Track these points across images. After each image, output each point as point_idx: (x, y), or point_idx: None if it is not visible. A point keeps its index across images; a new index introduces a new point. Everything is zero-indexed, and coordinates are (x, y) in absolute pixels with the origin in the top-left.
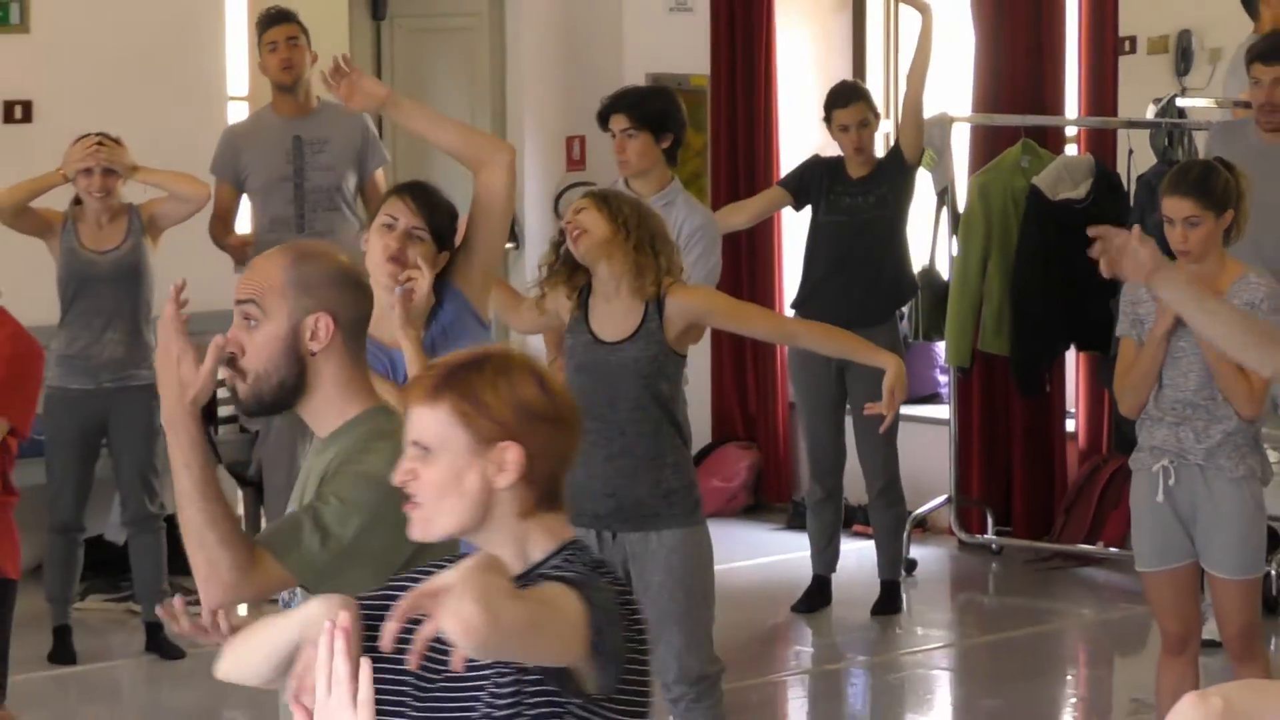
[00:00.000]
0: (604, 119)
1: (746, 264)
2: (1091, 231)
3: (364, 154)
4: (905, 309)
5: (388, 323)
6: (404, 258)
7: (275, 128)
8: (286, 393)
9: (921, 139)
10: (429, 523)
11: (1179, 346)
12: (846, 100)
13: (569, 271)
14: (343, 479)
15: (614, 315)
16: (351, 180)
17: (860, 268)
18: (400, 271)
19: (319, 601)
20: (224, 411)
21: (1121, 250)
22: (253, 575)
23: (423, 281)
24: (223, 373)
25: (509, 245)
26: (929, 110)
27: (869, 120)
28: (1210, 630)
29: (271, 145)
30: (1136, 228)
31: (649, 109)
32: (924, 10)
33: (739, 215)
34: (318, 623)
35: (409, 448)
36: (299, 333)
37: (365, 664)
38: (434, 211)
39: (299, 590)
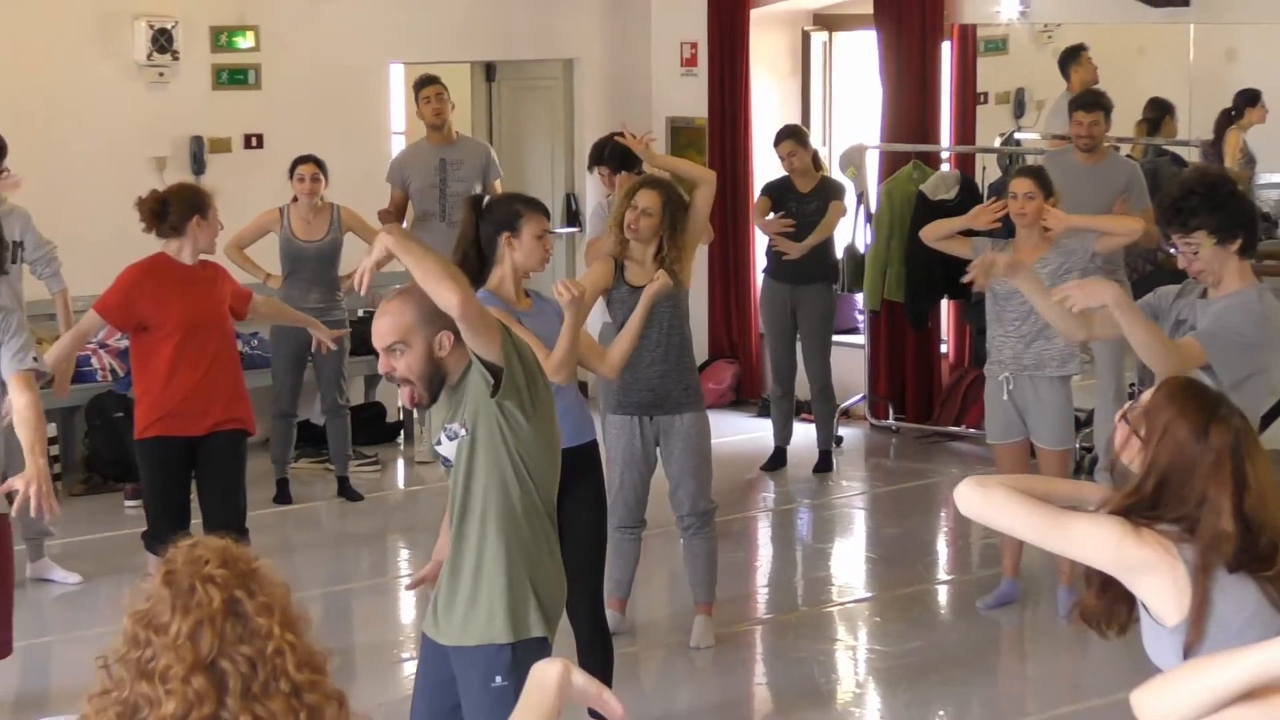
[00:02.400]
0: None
1: (733, 244)
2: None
3: (487, 170)
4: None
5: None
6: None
7: (428, 153)
8: (438, 382)
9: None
10: None
11: (1017, 295)
12: (779, 140)
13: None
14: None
15: (645, 273)
16: (478, 187)
17: (809, 256)
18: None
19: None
20: None
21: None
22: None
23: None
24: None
25: (574, 228)
26: (853, 141)
27: (796, 151)
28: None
29: (425, 164)
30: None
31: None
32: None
33: (759, 213)
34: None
35: None
36: (432, 347)
37: None
38: None
39: (456, 424)
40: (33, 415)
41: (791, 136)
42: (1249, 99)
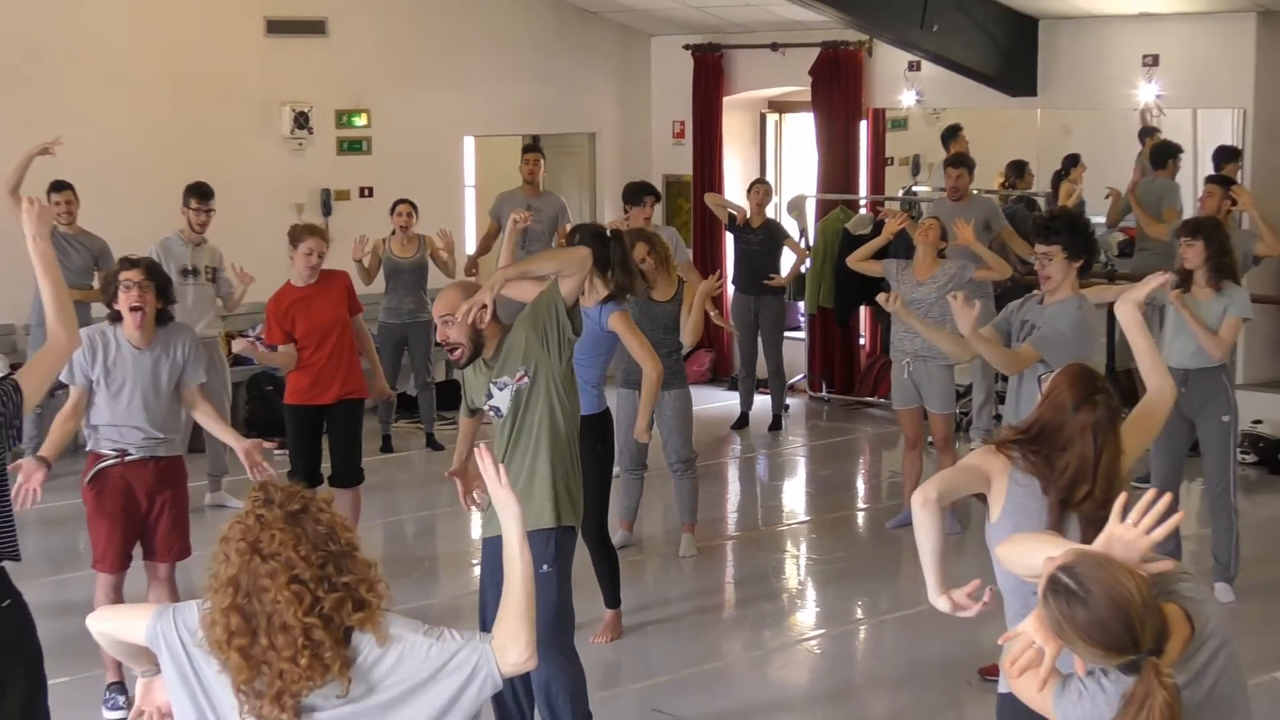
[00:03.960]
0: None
1: (709, 262)
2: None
3: (559, 216)
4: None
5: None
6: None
7: (519, 199)
8: (477, 346)
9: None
10: None
11: (913, 304)
12: (749, 189)
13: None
14: (517, 328)
15: (659, 291)
16: (551, 227)
17: (758, 269)
18: None
19: None
20: None
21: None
22: None
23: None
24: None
25: None
26: (796, 192)
27: (757, 191)
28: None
29: (516, 206)
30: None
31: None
32: None
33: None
34: None
35: None
36: (474, 321)
37: None
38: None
39: (506, 377)
40: (216, 414)
41: (760, 184)
42: (1073, 161)
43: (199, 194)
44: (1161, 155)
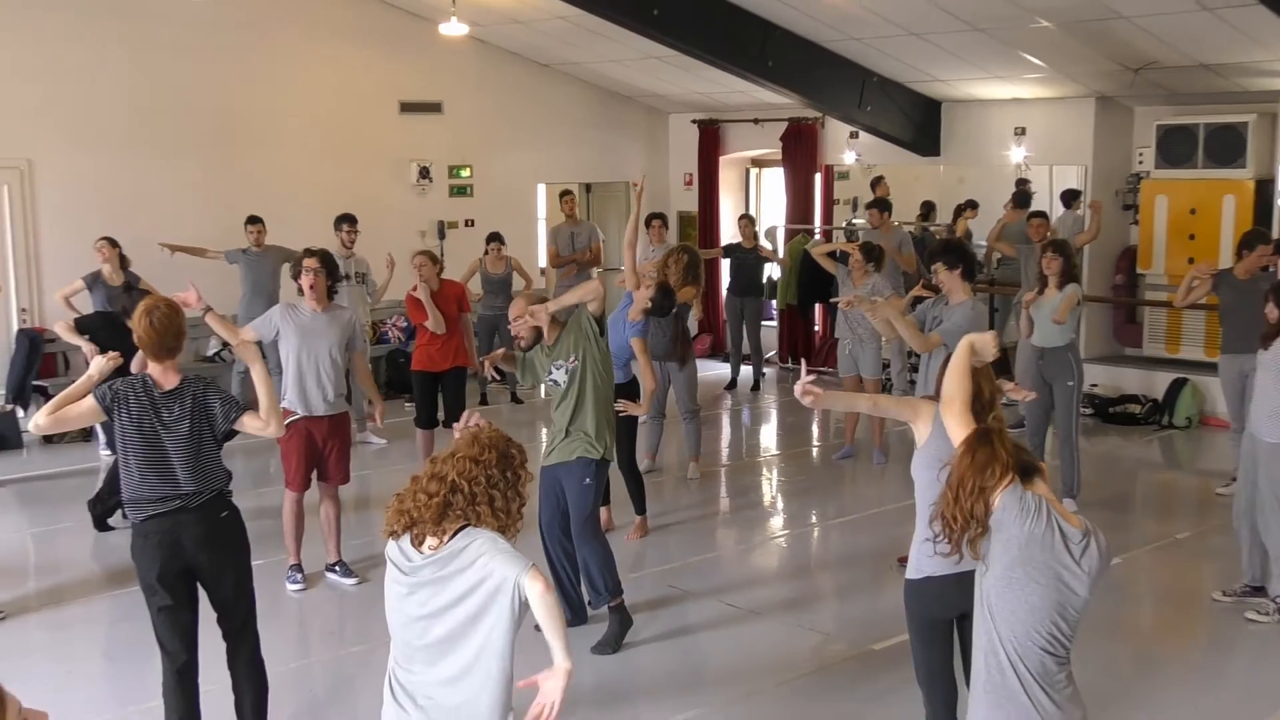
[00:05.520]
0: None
1: (710, 279)
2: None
3: (592, 236)
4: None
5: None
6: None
7: (565, 229)
8: (537, 337)
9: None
10: None
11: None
12: (739, 221)
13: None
14: (569, 329)
15: (680, 296)
16: (587, 243)
17: (749, 280)
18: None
19: None
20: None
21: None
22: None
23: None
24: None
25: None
26: (771, 223)
27: (748, 225)
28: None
29: (565, 234)
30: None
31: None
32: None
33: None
34: None
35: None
36: (541, 326)
37: None
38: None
39: (563, 360)
40: (368, 376)
41: (746, 218)
42: (969, 204)
43: (349, 220)
44: (1022, 200)
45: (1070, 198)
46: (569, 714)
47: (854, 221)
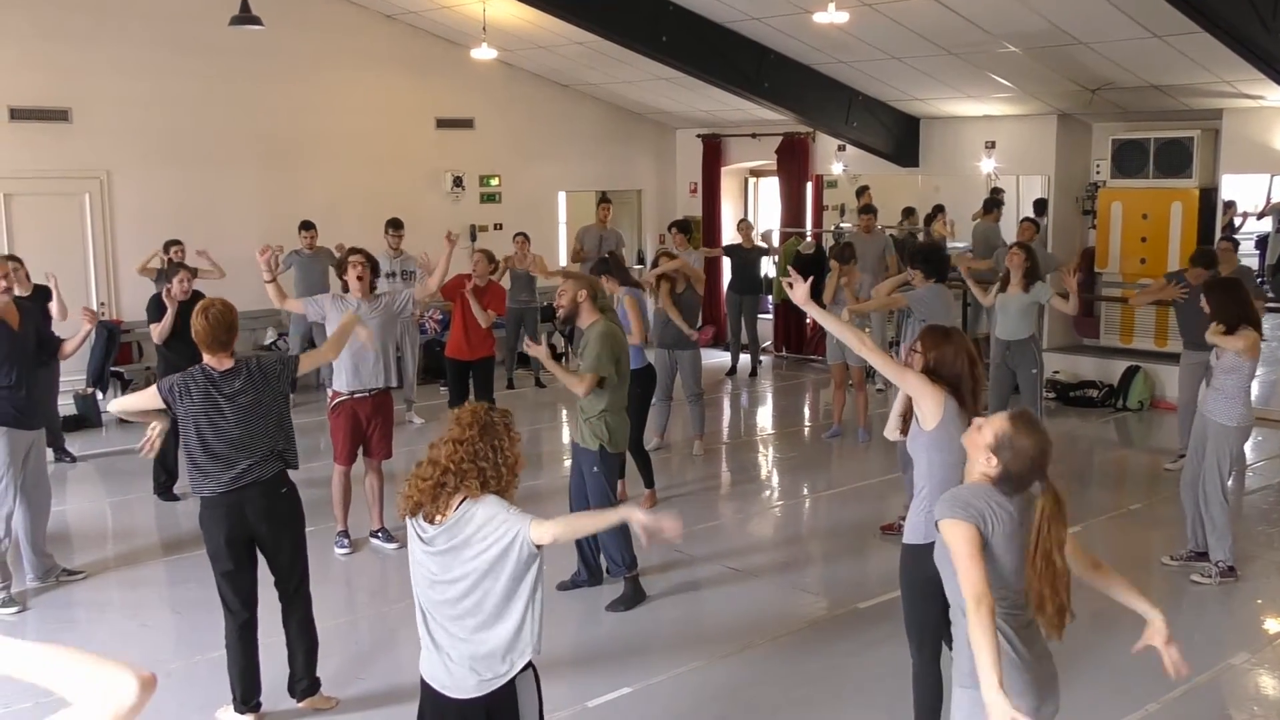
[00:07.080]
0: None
1: (715, 272)
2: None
3: (618, 239)
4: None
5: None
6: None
7: (595, 231)
8: (575, 315)
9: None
10: None
11: (837, 305)
12: (738, 225)
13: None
14: (590, 343)
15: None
16: (615, 248)
17: (749, 279)
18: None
19: None
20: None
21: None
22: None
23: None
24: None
25: (640, 265)
26: (767, 227)
27: (747, 228)
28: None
29: (594, 236)
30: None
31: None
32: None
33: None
34: None
35: None
36: (575, 297)
37: None
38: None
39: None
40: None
41: (744, 221)
42: (939, 209)
43: (395, 224)
44: (990, 205)
45: (1041, 207)
46: (584, 664)
47: (841, 226)
